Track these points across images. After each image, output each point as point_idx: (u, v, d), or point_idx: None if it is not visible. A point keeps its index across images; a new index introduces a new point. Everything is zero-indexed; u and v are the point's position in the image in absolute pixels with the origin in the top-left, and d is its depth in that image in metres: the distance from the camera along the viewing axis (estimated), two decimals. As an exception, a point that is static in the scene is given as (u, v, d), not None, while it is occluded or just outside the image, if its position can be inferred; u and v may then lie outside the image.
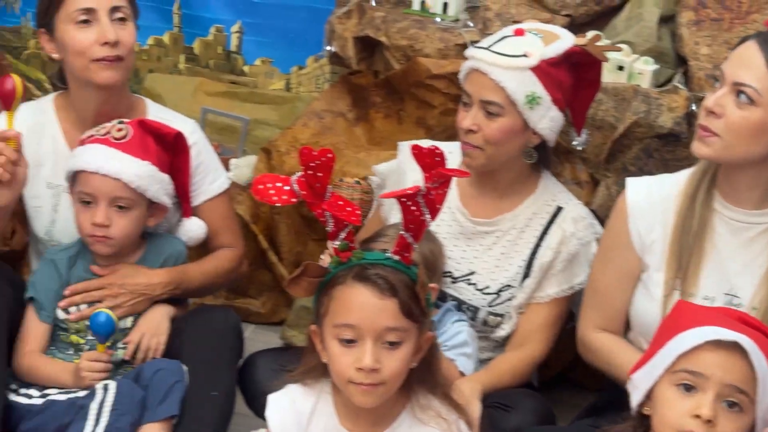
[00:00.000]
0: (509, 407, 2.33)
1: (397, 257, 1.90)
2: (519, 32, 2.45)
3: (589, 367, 2.70)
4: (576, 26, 2.95)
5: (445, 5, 3.06)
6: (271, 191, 1.96)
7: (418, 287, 1.91)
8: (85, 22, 2.47)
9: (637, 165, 2.82)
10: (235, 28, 3.54)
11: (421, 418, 1.96)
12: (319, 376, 1.99)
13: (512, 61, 2.37)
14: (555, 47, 2.41)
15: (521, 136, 2.44)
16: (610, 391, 2.39)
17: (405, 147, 2.68)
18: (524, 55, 2.38)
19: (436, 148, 1.91)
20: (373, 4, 3.16)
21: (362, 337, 1.86)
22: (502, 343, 2.57)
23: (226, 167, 3.18)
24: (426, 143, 2.60)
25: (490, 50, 2.41)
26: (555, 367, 2.93)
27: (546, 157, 2.57)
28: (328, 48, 3.20)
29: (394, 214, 2.58)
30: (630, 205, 2.31)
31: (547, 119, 2.43)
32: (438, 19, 3.05)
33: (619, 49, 2.79)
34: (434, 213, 1.93)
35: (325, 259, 2.28)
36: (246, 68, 3.58)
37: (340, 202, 1.92)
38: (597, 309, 2.41)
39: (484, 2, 3.07)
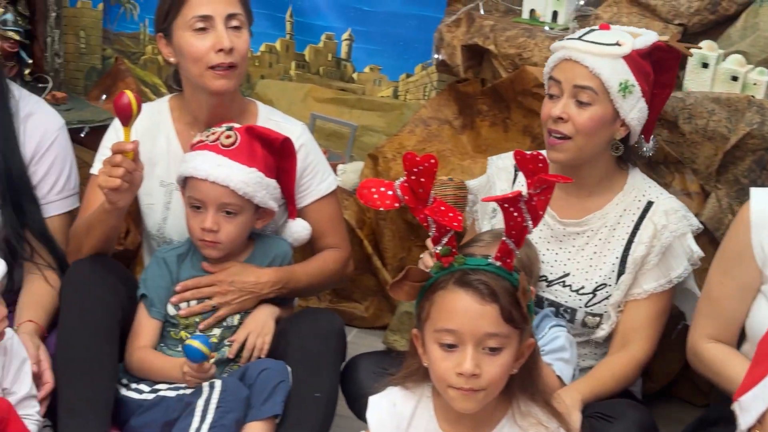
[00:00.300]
0: (611, 417, 2.29)
1: (498, 263, 1.89)
2: (604, 26, 2.48)
3: (694, 382, 2.67)
4: (689, 35, 2.94)
5: (555, 14, 3.07)
6: (375, 196, 1.97)
7: (519, 293, 1.90)
8: (202, 29, 2.51)
9: (750, 177, 2.77)
10: (345, 35, 3.56)
11: (521, 425, 1.95)
12: (420, 380, 1.99)
13: (606, 48, 2.38)
14: (643, 39, 2.43)
15: (610, 127, 2.43)
16: (719, 406, 2.35)
17: (493, 161, 2.70)
18: (617, 44, 2.39)
19: (539, 154, 1.89)
20: (482, 12, 3.17)
21: (463, 342, 1.86)
22: (605, 347, 2.55)
23: (334, 173, 3.16)
24: (505, 156, 2.67)
25: (583, 40, 2.42)
26: (659, 381, 2.89)
27: (630, 152, 2.55)
28: (436, 56, 3.21)
29: (485, 225, 2.61)
30: (754, 215, 2.27)
31: (637, 110, 2.44)
32: (547, 28, 3.05)
33: (700, 47, 2.77)
34: (536, 219, 1.91)
35: (426, 260, 2.30)
36: (355, 75, 3.59)
37: (443, 208, 1.91)
38: (711, 318, 2.36)
39: (595, 11, 3.05)
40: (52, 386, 2.37)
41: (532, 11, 3.10)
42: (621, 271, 2.48)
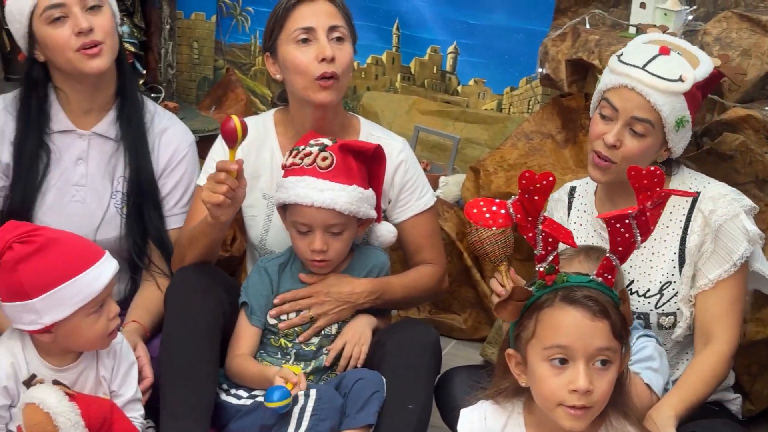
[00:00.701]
0: None
1: (600, 279, 1.89)
2: (665, 51, 2.38)
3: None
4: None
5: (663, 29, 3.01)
6: (487, 215, 2.00)
7: (623, 308, 1.90)
8: (305, 41, 2.55)
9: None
10: (450, 48, 3.55)
11: None
12: (512, 397, 1.99)
13: (671, 85, 2.33)
14: (703, 70, 2.38)
15: (654, 154, 2.41)
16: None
17: (551, 197, 2.66)
18: (680, 80, 2.34)
19: (657, 169, 1.87)
20: (588, 26, 3.15)
21: (574, 358, 1.85)
22: (688, 346, 2.51)
23: (436, 184, 3.23)
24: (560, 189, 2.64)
25: (646, 71, 2.35)
26: (759, 403, 2.84)
27: (669, 163, 2.51)
28: (541, 70, 3.19)
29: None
30: None
31: (685, 139, 2.42)
32: None
33: (745, 73, 2.72)
34: (646, 234, 1.90)
35: (494, 284, 2.34)
36: (459, 88, 3.58)
37: (555, 225, 1.92)
38: None
39: (704, 26, 3.01)
40: (151, 381, 2.45)
41: (639, 26, 3.06)
42: (681, 265, 2.46)
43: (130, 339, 2.45)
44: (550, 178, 1.91)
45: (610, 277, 1.90)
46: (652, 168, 1.89)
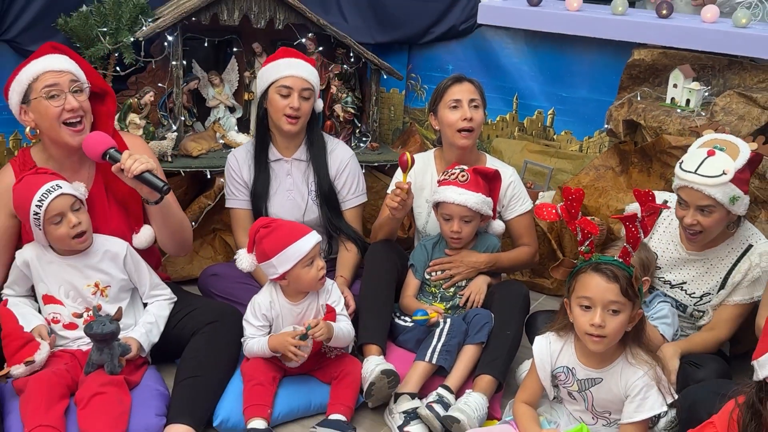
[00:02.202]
0: (699, 365, 2.27)
1: (620, 260, 1.92)
2: (711, 153, 2.25)
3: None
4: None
5: (688, 101, 2.97)
6: (545, 213, 2.06)
7: (633, 279, 1.91)
8: (454, 108, 2.62)
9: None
10: (550, 111, 3.52)
11: (631, 362, 1.97)
12: (568, 330, 2.04)
13: (717, 180, 2.21)
14: (741, 159, 2.23)
15: (726, 219, 2.31)
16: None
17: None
18: (723, 173, 2.21)
19: (650, 191, 1.94)
20: (639, 98, 3.11)
21: (594, 305, 1.90)
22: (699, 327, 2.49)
23: (536, 197, 3.19)
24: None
25: (697, 174, 2.22)
26: (745, 345, 2.73)
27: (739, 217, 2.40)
28: (607, 126, 3.16)
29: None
30: None
31: (743, 206, 2.29)
32: (679, 110, 2.96)
33: None
34: (646, 233, 1.94)
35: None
36: (555, 136, 3.53)
37: (588, 222, 1.96)
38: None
39: (715, 100, 2.94)
40: (354, 308, 2.54)
41: (672, 98, 3.01)
42: (721, 288, 2.41)
43: (341, 287, 2.51)
44: (580, 192, 1.94)
45: (627, 258, 1.91)
46: (647, 191, 1.92)
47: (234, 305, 2.52)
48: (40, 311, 2.30)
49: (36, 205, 2.13)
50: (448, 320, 2.45)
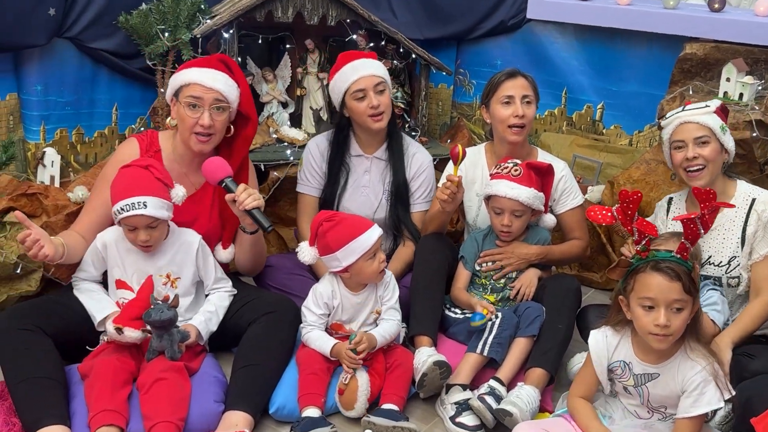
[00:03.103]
0: (753, 356, 2.22)
1: (678, 256, 1.89)
2: (687, 103, 2.48)
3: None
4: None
5: (741, 95, 2.91)
6: (599, 216, 2.02)
7: (693, 274, 1.88)
8: (506, 103, 2.59)
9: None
10: (599, 105, 3.47)
11: (689, 356, 1.93)
12: (624, 325, 2.01)
13: (704, 110, 2.39)
14: (714, 103, 2.42)
15: (721, 156, 2.39)
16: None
17: (658, 204, 2.63)
18: (707, 106, 2.40)
19: (710, 190, 1.91)
20: (691, 92, 3.03)
21: (658, 305, 1.86)
22: (746, 299, 2.42)
23: (585, 191, 3.16)
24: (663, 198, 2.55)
25: (685, 110, 2.41)
26: None
27: (731, 167, 2.51)
28: (658, 120, 3.01)
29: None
30: None
31: (731, 142, 2.41)
32: (734, 104, 2.89)
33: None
34: (706, 229, 1.91)
35: (624, 250, 2.29)
36: (604, 131, 3.48)
37: (645, 222, 1.95)
38: None
39: (766, 93, 2.88)
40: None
41: (725, 93, 2.94)
42: (742, 245, 2.39)
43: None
44: (638, 195, 1.91)
45: (685, 254, 1.89)
46: (708, 189, 1.90)
47: (288, 296, 2.53)
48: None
49: (119, 208, 2.20)
50: (499, 313, 2.43)
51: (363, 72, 2.64)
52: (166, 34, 2.96)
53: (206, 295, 2.44)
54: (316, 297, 2.33)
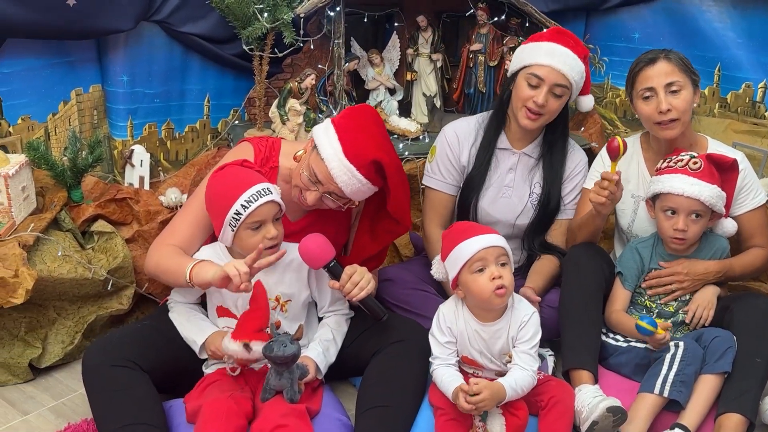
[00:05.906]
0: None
1: None
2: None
3: None
4: None
5: None
6: None
7: None
8: (647, 98, 2.26)
9: None
10: (761, 84, 3.02)
11: None
12: None
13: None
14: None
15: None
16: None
17: None
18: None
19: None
20: None
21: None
22: None
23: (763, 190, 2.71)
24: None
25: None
26: None
27: None
28: None
29: None
30: None
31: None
32: None
33: None
34: None
35: None
36: (767, 114, 3.04)
37: None
38: None
39: None
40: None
41: None
42: None
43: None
44: None
45: None
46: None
47: (408, 315, 2.32)
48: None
49: (242, 205, 1.89)
50: (681, 344, 2.08)
51: (555, 63, 2.30)
52: (265, 15, 2.61)
53: (319, 319, 2.16)
54: (439, 319, 2.02)
